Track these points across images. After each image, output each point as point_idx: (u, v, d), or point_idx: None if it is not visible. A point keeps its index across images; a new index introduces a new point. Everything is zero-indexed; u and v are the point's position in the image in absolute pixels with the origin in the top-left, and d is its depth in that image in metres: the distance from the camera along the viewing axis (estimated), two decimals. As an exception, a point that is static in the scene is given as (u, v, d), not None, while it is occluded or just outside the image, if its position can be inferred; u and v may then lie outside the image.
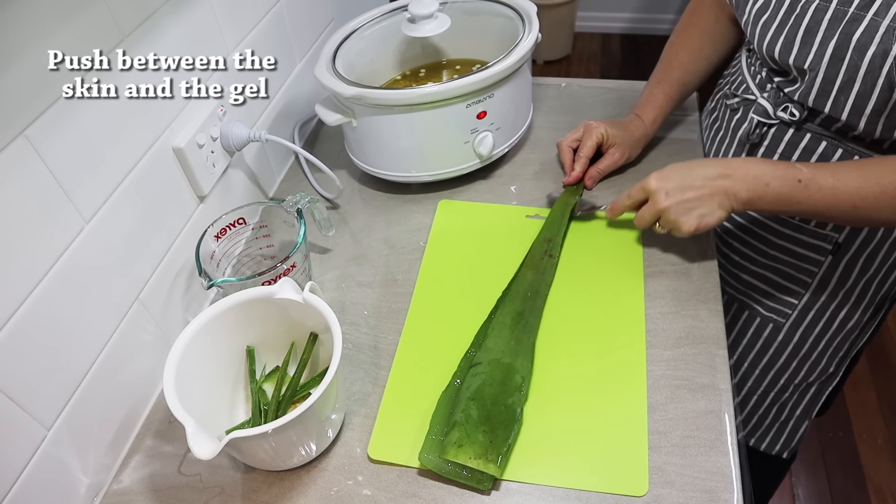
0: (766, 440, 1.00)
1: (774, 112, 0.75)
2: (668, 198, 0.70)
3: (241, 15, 0.80)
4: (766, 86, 0.77)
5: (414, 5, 0.88)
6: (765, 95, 0.77)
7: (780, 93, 0.74)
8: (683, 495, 0.58)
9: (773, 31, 0.70)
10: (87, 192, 0.58)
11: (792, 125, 0.74)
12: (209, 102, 0.74)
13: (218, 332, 0.62)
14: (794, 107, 0.73)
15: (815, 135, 0.73)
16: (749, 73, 0.81)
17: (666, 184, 0.70)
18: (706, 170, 0.69)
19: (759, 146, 0.79)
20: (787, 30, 0.68)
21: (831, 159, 0.72)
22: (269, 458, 0.60)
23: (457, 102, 0.80)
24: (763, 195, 0.67)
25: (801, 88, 0.70)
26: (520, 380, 0.65)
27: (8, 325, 0.50)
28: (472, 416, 0.62)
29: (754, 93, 0.78)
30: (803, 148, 0.74)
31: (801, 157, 0.75)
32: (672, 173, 0.70)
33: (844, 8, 0.63)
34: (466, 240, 0.83)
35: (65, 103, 0.54)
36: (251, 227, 0.77)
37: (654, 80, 0.89)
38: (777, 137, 0.77)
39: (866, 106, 0.65)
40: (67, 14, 0.53)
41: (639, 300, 0.73)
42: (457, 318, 0.73)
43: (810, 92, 0.69)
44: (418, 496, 0.60)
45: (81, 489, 0.61)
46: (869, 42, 0.61)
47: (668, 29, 2.91)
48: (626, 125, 0.87)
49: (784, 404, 0.95)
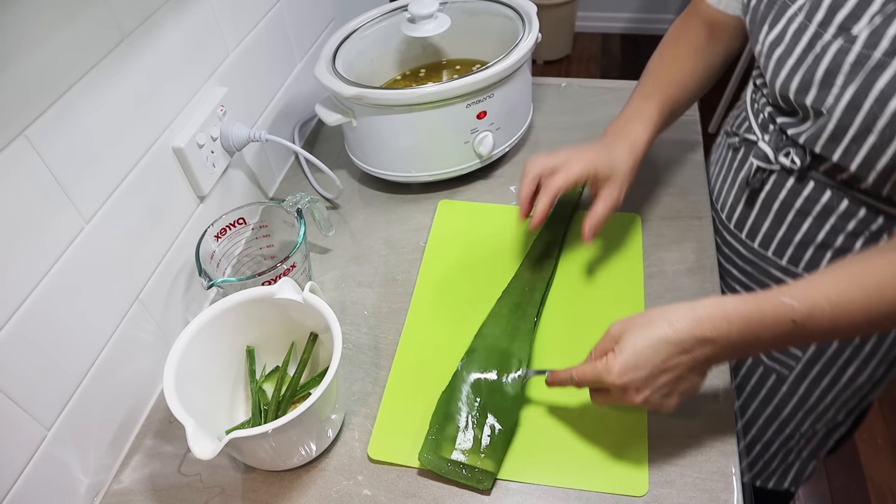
0: (772, 480, 0.94)
1: (775, 157, 0.68)
2: (639, 392, 0.55)
3: (241, 15, 0.80)
4: (769, 126, 0.70)
5: (414, 5, 0.88)
6: (766, 138, 0.70)
7: (783, 136, 0.67)
8: (683, 495, 0.58)
9: (789, 68, 0.62)
10: (87, 192, 0.58)
11: (794, 172, 0.68)
12: (209, 102, 0.74)
13: (218, 332, 0.62)
14: (796, 153, 0.66)
15: (820, 183, 0.66)
16: (752, 111, 0.74)
17: (633, 375, 0.54)
18: (679, 338, 0.53)
19: (760, 191, 0.72)
20: (804, 69, 0.60)
21: (836, 210, 0.66)
22: (269, 458, 0.60)
23: (457, 102, 0.80)
24: (752, 348, 0.54)
25: (810, 132, 0.62)
26: (517, 363, 0.66)
27: (8, 326, 0.51)
28: (470, 412, 0.62)
29: (756, 133, 0.72)
30: (806, 197, 0.68)
31: (804, 206, 0.68)
32: (635, 360, 0.53)
33: (869, 52, 0.55)
34: (466, 240, 0.83)
35: (65, 103, 0.54)
36: (251, 227, 0.77)
37: (644, 92, 0.76)
38: (779, 184, 0.70)
39: (879, 160, 0.58)
40: (68, 14, 0.53)
41: (639, 300, 0.73)
42: (457, 318, 0.73)
43: (819, 136, 0.61)
44: (418, 496, 0.60)
45: (81, 489, 0.61)
46: (892, 93, 0.54)
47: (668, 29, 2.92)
48: (612, 150, 0.71)
49: (790, 450, 0.89)
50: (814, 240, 0.69)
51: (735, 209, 0.78)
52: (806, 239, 0.70)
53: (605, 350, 0.56)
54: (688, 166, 0.90)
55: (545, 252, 0.79)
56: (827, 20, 0.58)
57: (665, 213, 0.83)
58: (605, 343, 0.57)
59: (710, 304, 0.53)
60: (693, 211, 0.83)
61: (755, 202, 0.74)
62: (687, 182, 0.88)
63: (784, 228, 0.71)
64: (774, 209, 0.71)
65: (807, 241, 0.70)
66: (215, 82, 0.76)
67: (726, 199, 0.80)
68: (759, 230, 0.75)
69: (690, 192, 0.86)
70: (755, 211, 0.74)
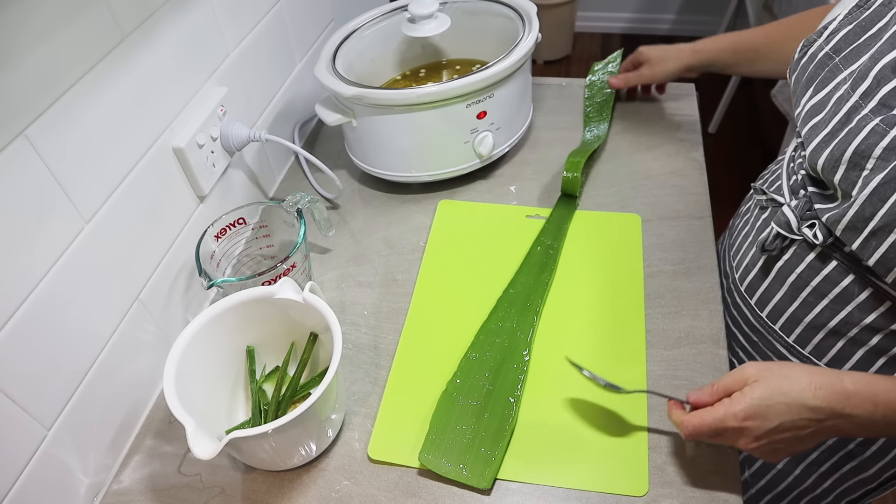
0: None
1: (798, 226, 0.62)
2: (756, 441, 0.52)
3: (241, 15, 0.80)
4: (799, 191, 0.64)
5: (414, 5, 0.88)
6: (793, 204, 0.63)
7: (811, 204, 0.61)
8: (683, 495, 0.58)
9: (821, 139, 0.57)
10: (87, 192, 0.58)
11: (815, 247, 0.61)
12: (209, 102, 0.74)
13: (218, 332, 0.62)
14: (821, 228, 0.59)
15: (842, 265, 0.60)
16: (787, 169, 0.68)
17: (756, 424, 0.51)
18: (817, 406, 0.50)
19: (778, 259, 0.66)
20: (835, 143, 0.55)
21: (856, 298, 0.59)
22: (269, 458, 0.60)
23: (457, 102, 0.80)
24: (882, 433, 0.52)
25: (834, 212, 0.56)
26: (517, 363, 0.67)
27: (8, 326, 0.50)
28: (470, 411, 0.62)
29: (784, 195, 0.66)
30: (825, 276, 0.61)
31: (821, 286, 0.62)
32: (765, 410, 0.51)
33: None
34: (466, 240, 0.83)
35: (65, 103, 0.54)
36: (251, 227, 0.77)
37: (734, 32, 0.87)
38: (798, 255, 0.63)
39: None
40: (68, 14, 0.53)
41: (639, 300, 0.73)
42: (457, 318, 0.73)
43: (840, 220, 0.55)
44: (418, 496, 0.60)
45: (81, 489, 0.61)
46: None
47: (668, 29, 2.93)
48: (668, 48, 0.92)
49: None
50: (825, 324, 0.63)
51: (749, 272, 0.71)
52: (817, 321, 0.63)
53: (730, 389, 0.53)
54: (688, 166, 0.90)
55: (545, 252, 0.79)
56: (870, 93, 0.53)
57: (665, 213, 0.83)
58: (732, 381, 0.54)
59: (860, 380, 0.51)
60: (693, 211, 0.83)
61: (770, 270, 0.67)
62: (687, 182, 0.88)
63: (796, 305, 0.65)
64: (789, 282, 0.65)
65: (818, 324, 0.64)
66: (215, 82, 0.76)
67: (742, 259, 0.73)
68: (769, 300, 0.68)
69: (690, 192, 0.86)
70: (769, 279, 0.68)
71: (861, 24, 0.57)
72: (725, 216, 0.93)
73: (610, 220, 0.83)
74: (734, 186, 2.08)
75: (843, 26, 0.59)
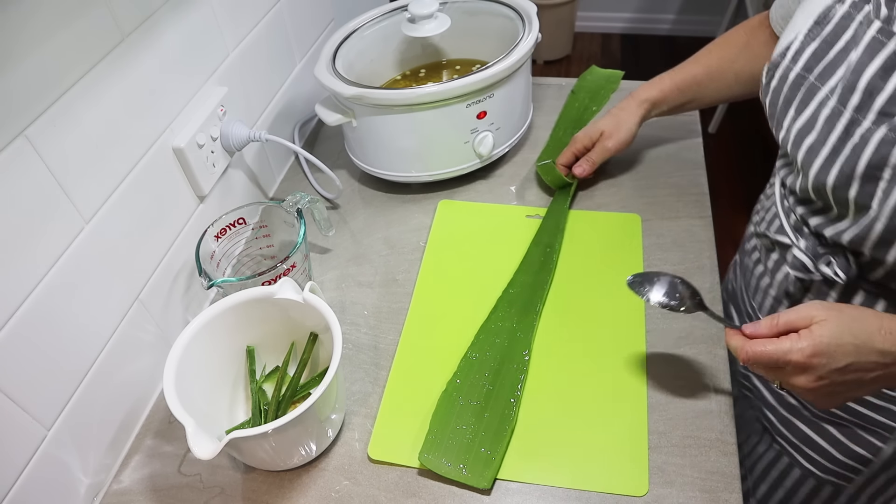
0: None
1: (815, 266, 0.60)
2: (818, 381, 0.50)
3: (241, 15, 0.80)
4: (803, 229, 0.62)
5: (414, 5, 0.88)
6: (802, 244, 0.61)
7: (821, 240, 0.59)
8: (683, 495, 0.58)
9: (824, 159, 0.55)
10: (87, 192, 0.58)
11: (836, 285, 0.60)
12: (209, 102, 0.74)
13: (218, 332, 0.62)
14: (839, 263, 0.57)
15: (871, 294, 0.58)
16: (782, 209, 0.66)
17: (822, 361, 0.49)
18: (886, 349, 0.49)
19: (801, 301, 0.64)
20: (842, 160, 0.53)
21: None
22: (269, 458, 0.60)
23: (457, 102, 0.80)
24: None
25: (854, 231, 0.54)
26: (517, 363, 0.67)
27: (8, 326, 0.50)
28: (470, 411, 0.62)
29: (790, 237, 0.63)
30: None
31: None
32: (834, 349, 0.49)
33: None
34: (466, 240, 0.83)
35: (65, 103, 0.54)
36: (251, 227, 0.77)
37: (670, 70, 0.83)
38: (822, 292, 0.62)
39: None
40: (68, 14, 0.53)
41: (639, 300, 0.73)
42: (457, 318, 0.73)
43: (867, 237, 0.53)
44: (418, 496, 0.60)
45: (81, 489, 0.61)
46: None
47: (668, 29, 2.93)
48: (615, 112, 0.84)
49: None
50: None
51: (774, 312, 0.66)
52: None
53: (794, 325, 0.52)
54: (688, 166, 0.90)
55: (545, 252, 0.79)
56: (864, 105, 0.51)
57: (665, 213, 0.83)
58: (798, 318, 0.52)
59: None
60: (693, 211, 0.83)
61: None
62: (687, 182, 0.88)
63: None
64: None
65: None
66: (215, 82, 0.76)
67: (764, 300, 0.71)
68: None
69: (690, 192, 0.86)
70: None
71: (826, 39, 0.56)
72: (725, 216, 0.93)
73: (610, 219, 0.83)
74: (734, 186, 2.08)
75: (808, 44, 0.57)
